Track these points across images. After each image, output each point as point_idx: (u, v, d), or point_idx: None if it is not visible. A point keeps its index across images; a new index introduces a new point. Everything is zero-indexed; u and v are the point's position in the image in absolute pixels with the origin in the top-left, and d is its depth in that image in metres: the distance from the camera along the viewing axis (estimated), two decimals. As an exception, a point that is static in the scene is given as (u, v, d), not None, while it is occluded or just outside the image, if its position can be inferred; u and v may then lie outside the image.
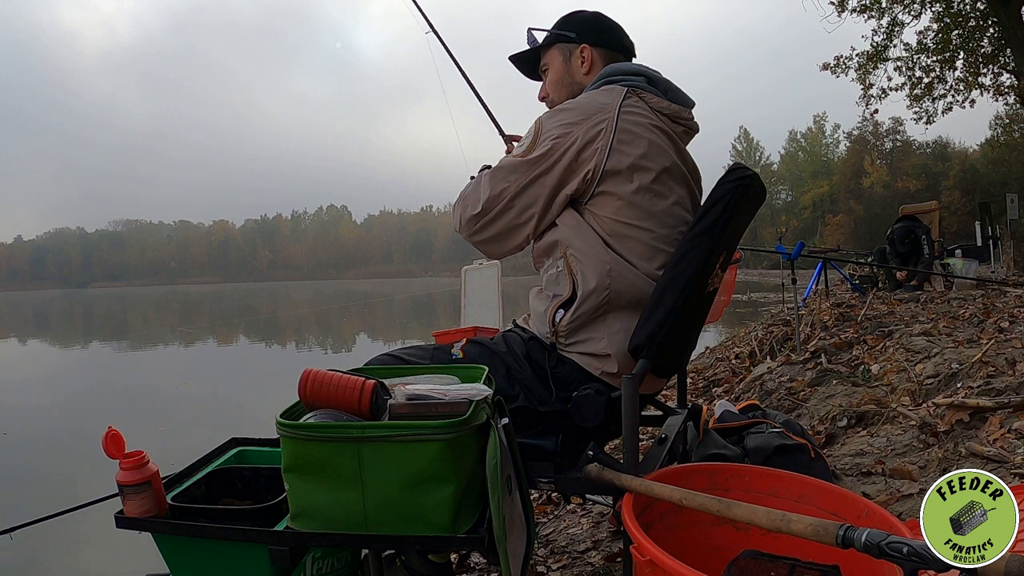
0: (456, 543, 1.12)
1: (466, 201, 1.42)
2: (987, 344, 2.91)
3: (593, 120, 1.33)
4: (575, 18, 1.53)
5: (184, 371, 11.25)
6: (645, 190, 1.34)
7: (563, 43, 1.52)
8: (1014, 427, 1.94)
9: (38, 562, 3.28)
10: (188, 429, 6.12)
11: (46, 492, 4.28)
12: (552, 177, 1.34)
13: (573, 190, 1.35)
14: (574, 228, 1.35)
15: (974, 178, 33.51)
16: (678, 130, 1.43)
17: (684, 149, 1.46)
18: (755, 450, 1.78)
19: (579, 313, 1.34)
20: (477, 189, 1.40)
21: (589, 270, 1.33)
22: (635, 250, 1.35)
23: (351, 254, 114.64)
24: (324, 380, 1.18)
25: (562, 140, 1.33)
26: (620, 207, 1.33)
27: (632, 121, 1.34)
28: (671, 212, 1.39)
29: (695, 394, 4.42)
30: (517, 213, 1.37)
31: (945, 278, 6.82)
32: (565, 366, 1.38)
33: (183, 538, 1.23)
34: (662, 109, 1.40)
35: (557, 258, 1.38)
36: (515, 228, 1.39)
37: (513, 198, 1.36)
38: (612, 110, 1.33)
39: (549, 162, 1.33)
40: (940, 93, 13.82)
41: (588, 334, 1.35)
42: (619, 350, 1.33)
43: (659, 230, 1.36)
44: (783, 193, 53.84)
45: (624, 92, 1.37)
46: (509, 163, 1.37)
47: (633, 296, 1.34)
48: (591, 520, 2.40)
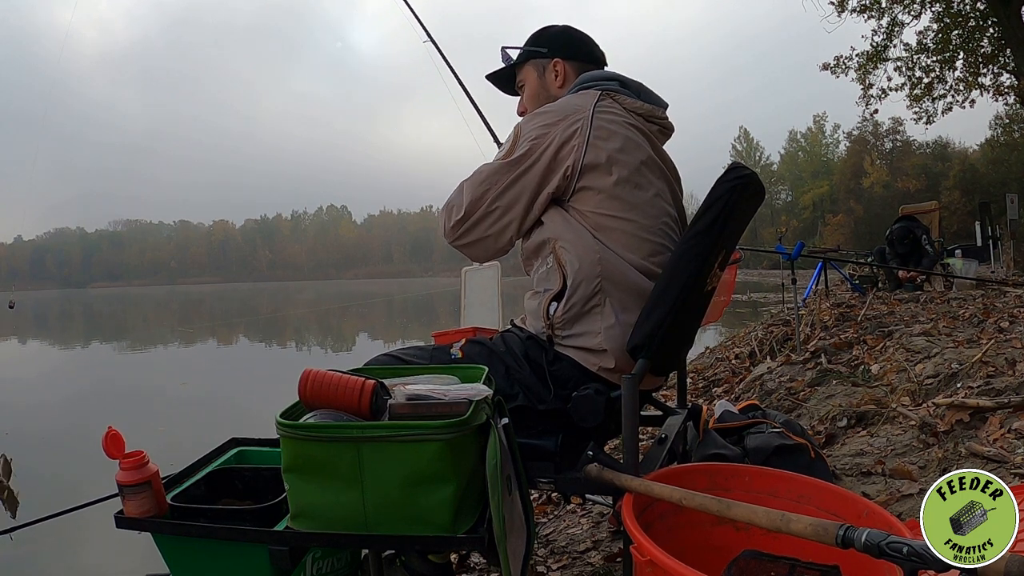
0: (456, 543, 1.12)
1: (450, 207, 1.44)
2: (987, 344, 2.91)
3: (569, 120, 1.37)
4: (546, 34, 1.59)
5: (184, 371, 11.26)
6: (624, 182, 1.37)
7: (536, 59, 1.58)
8: (1014, 427, 1.94)
9: (38, 562, 3.28)
10: (188, 429, 6.12)
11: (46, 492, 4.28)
12: (532, 176, 1.37)
13: (554, 188, 1.37)
14: (561, 224, 1.38)
15: (974, 178, 33.53)
16: (653, 129, 1.48)
17: (661, 147, 1.50)
18: (755, 450, 1.78)
19: (572, 303, 1.35)
20: (460, 195, 1.43)
21: (579, 259, 1.35)
22: (621, 240, 1.37)
23: (351, 254, 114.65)
24: (324, 380, 1.18)
25: (540, 140, 1.37)
26: (602, 200, 1.36)
27: (606, 119, 1.38)
28: (652, 203, 1.41)
29: (695, 394, 4.42)
30: (499, 215, 1.39)
31: (945, 278, 6.82)
32: (563, 363, 1.39)
33: (183, 538, 1.23)
34: (635, 109, 1.45)
35: (547, 255, 1.40)
36: (498, 231, 1.41)
37: (495, 200, 1.38)
38: (587, 110, 1.38)
39: (529, 162, 1.37)
40: (940, 93, 13.82)
41: (583, 327, 1.36)
42: (615, 345, 1.34)
43: (642, 220, 1.39)
44: (783, 193, 53.85)
45: (598, 95, 1.42)
46: (490, 167, 1.40)
47: (625, 287, 1.36)
48: (591, 520, 2.40)
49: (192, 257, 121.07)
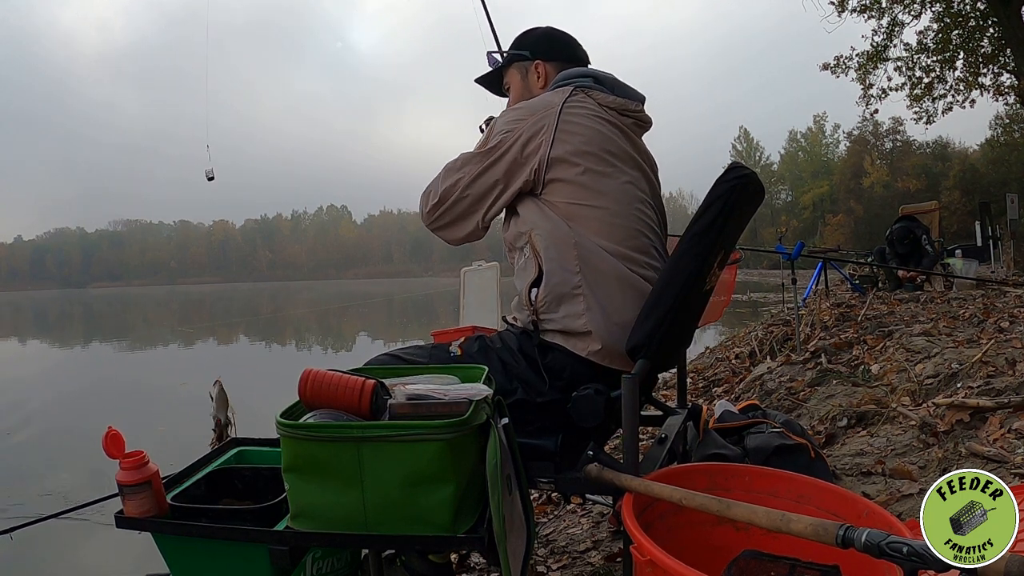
0: (456, 543, 1.12)
1: (428, 191, 1.53)
2: (987, 344, 2.91)
3: (538, 115, 1.43)
4: (528, 37, 1.66)
5: (184, 371, 11.25)
6: (591, 171, 1.42)
7: (519, 62, 1.65)
8: (1014, 427, 1.94)
9: (38, 562, 3.28)
10: (188, 429, 6.11)
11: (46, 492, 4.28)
12: (501, 167, 1.44)
13: (523, 182, 1.43)
14: (536, 214, 1.43)
15: (974, 178, 33.52)
16: (627, 122, 1.52)
17: (636, 140, 1.54)
18: (755, 450, 1.78)
19: (551, 285, 1.39)
20: (437, 181, 1.51)
21: (554, 246, 1.39)
22: (593, 227, 1.40)
23: (351, 254, 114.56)
24: (324, 380, 1.18)
25: (510, 135, 1.44)
26: (572, 190, 1.41)
27: (575, 114, 1.43)
28: (623, 190, 1.45)
29: (695, 394, 4.42)
30: (470, 202, 1.48)
31: (945, 278, 6.82)
32: (555, 353, 1.40)
33: (183, 538, 1.23)
34: (608, 104, 1.49)
35: (524, 246, 1.45)
36: (467, 215, 1.49)
37: (466, 188, 1.47)
38: (556, 106, 1.43)
39: (498, 153, 1.44)
40: (940, 93, 13.83)
41: (566, 309, 1.38)
42: (598, 326, 1.36)
43: (614, 206, 1.42)
44: (783, 193, 53.85)
45: (570, 91, 1.47)
46: (465, 155, 1.49)
47: (602, 270, 1.38)
48: (591, 520, 2.40)
49: (192, 257, 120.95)
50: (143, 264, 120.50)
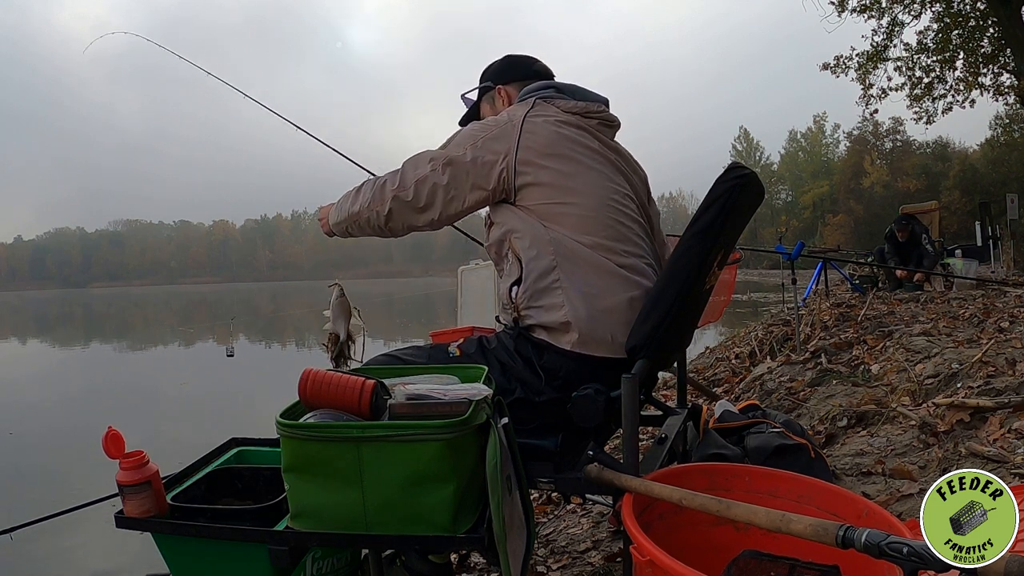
0: (456, 543, 1.12)
1: (385, 181, 1.53)
2: (987, 344, 2.91)
3: (499, 128, 1.46)
4: (489, 69, 1.74)
5: (184, 371, 11.26)
6: (559, 171, 1.44)
7: (486, 93, 1.73)
8: (1014, 427, 1.94)
9: (38, 562, 3.28)
10: (188, 429, 6.12)
11: (46, 492, 4.28)
12: (458, 175, 1.45)
13: (484, 196, 1.46)
14: (513, 219, 1.46)
15: (974, 178, 33.47)
16: (592, 123, 1.54)
17: (605, 138, 1.56)
18: (755, 450, 1.78)
19: (529, 282, 1.41)
20: (395, 175, 1.52)
21: (532, 245, 1.42)
22: (569, 223, 1.42)
23: (351, 254, 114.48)
24: (324, 380, 1.18)
25: (466, 148, 1.46)
26: (543, 192, 1.43)
27: (536, 123, 1.47)
28: (595, 184, 1.46)
29: (695, 394, 4.41)
30: (425, 201, 1.48)
31: (945, 278, 6.82)
32: (548, 353, 1.40)
33: (183, 538, 1.23)
34: (570, 109, 1.53)
35: (505, 250, 1.47)
36: (416, 215, 1.50)
37: (418, 188, 1.47)
38: (518, 118, 1.47)
39: (457, 163, 1.46)
40: (940, 93, 13.82)
41: (544, 301, 1.40)
42: (578, 316, 1.36)
43: (586, 201, 1.44)
44: (783, 193, 53.84)
45: (532, 102, 1.52)
46: (426, 157, 1.49)
47: (580, 264, 1.39)
48: (591, 520, 2.40)
49: (192, 257, 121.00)
50: (143, 264, 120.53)
